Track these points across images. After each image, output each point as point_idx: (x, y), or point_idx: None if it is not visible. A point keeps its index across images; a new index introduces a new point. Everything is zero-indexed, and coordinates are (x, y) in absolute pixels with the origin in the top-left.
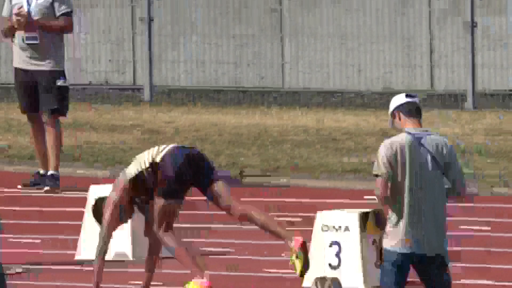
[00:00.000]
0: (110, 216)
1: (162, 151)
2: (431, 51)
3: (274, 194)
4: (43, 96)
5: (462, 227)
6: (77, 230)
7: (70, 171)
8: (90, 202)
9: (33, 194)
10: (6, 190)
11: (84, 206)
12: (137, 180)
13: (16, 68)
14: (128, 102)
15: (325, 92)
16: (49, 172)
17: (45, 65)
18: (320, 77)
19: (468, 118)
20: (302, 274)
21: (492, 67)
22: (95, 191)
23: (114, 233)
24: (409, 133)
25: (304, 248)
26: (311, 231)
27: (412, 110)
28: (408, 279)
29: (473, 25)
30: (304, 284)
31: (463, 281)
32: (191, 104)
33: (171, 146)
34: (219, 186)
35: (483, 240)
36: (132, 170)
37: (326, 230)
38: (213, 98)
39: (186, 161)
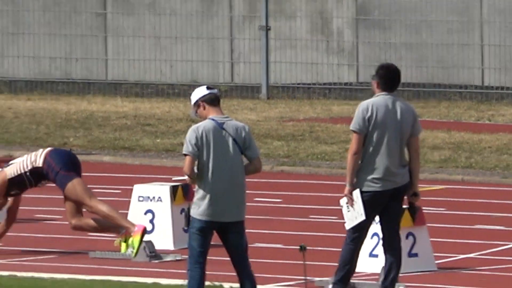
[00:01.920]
0: None
1: (40, 155)
2: (232, 50)
3: (99, 169)
4: None
5: (256, 199)
6: None
7: None
8: None
9: None
10: None
11: None
12: (16, 179)
13: None
14: None
15: (142, 83)
16: None
17: None
18: (137, 71)
19: (263, 107)
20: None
21: (283, 64)
22: None
23: None
24: (213, 120)
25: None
26: (129, 201)
27: (214, 100)
28: (212, 243)
29: (267, 28)
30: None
31: (257, 244)
32: (29, 93)
33: (46, 150)
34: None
35: (275, 210)
36: (12, 171)
37: (142, 200)
38: (47, 88)
39: (66, 154)
